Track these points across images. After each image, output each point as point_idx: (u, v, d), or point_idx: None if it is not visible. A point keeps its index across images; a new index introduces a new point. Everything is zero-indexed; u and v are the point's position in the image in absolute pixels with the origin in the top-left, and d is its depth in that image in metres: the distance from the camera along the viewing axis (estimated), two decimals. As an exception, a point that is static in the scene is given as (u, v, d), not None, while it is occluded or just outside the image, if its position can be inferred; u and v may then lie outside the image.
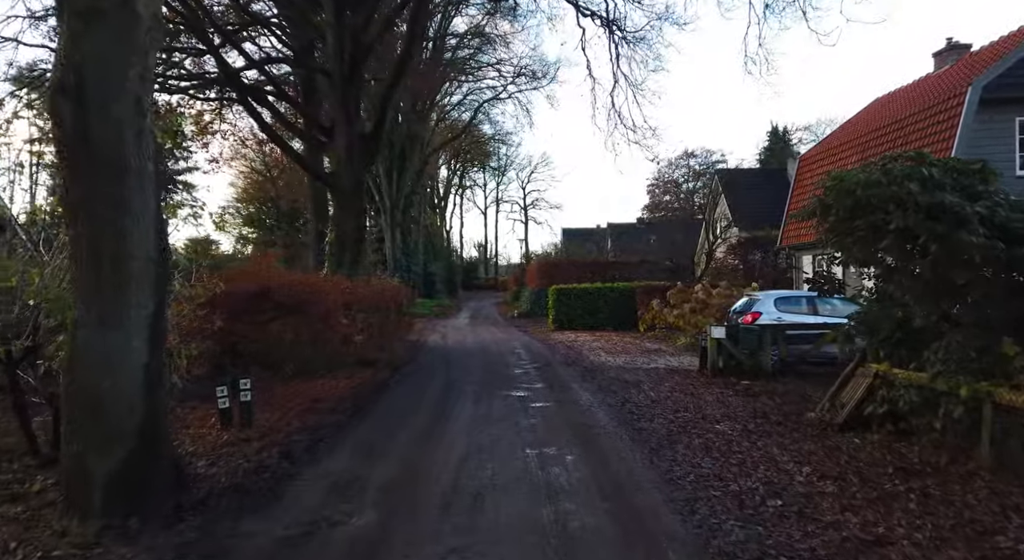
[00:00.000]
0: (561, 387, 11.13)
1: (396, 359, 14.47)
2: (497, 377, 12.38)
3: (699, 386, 11.14)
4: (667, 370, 13.06)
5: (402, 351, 16.33)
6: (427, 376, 12.81)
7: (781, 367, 12.25)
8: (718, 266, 27.68)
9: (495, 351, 17.09)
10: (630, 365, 13.78)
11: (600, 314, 23.82)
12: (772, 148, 63.51)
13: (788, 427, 7.86)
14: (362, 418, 8.82)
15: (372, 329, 13.27)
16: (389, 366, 13.46)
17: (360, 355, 12.37)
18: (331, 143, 13.56)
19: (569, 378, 12.18)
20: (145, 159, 4.93)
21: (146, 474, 4.99)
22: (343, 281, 11.94)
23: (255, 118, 13.68)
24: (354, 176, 13.35)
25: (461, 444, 7.28)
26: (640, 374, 12.50)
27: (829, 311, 13.50)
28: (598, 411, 9.01)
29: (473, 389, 11.03)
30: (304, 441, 7.40)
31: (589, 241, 61.60)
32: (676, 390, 10.66)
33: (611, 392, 10.49)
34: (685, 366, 13.61)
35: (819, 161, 21.29)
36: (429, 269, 48.53)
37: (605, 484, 5.74)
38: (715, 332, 12.39)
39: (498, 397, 10.21)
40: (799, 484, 5.60)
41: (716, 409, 9.04)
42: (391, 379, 12.21)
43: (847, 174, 7.63)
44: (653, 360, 14.57)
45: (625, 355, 15.55)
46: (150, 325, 5.06)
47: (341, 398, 9.96)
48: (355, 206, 13.43)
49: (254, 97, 13.61)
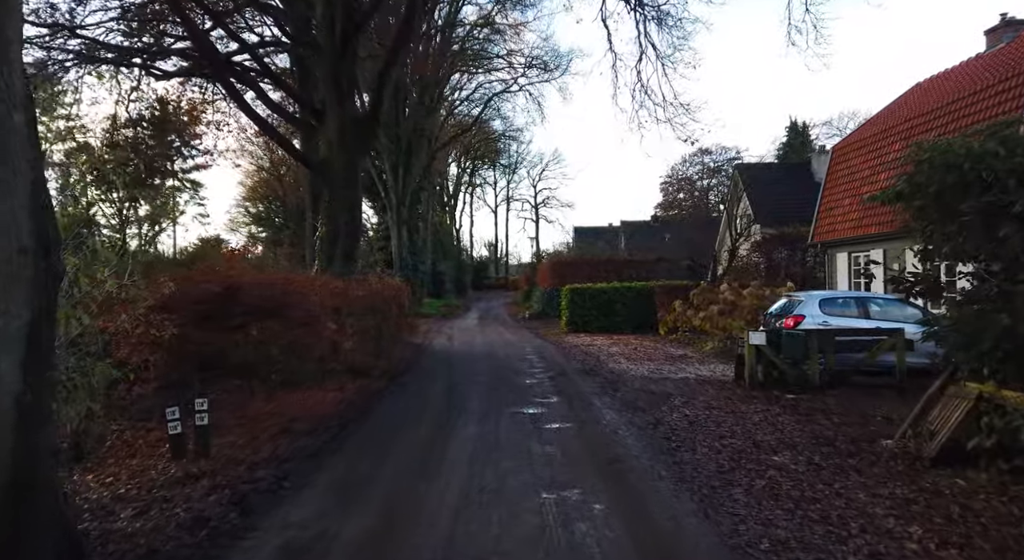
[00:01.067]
0: (580, 402, 9.67)
1: (394, 367, 13.07)
2: (506, 388, 10.94)
3: (739, 401, 9.65)
4: (698, 381, 11.56)
5: (403, 357, 14.94)
6: (428, 387, 11.40)
7: (829, 378, 10.75)
8: (742, 264, 26.07)
9: (504, 356, 15.65)
10: (656, 374, 12.29)
11: (617, 316, 22.33)
12: (791, 144, 61.68)
13: (864, 460, 6.36)
14: (344, 442, 7.41)
15: (367, 333, 11.88)
16: (386, 375, 12.06)
17: (352, 363, 10.99)
18: (322, 126, 12.21)
19: (588, 390, 10.71)
20: (8, 106, 3.52)
21: (18, 547, 3.60)
22: (333, 281, 10.56)
23: (235, 98, 12.32)
24: (347, 163, 11.94)
25: (460, 481, 5.85)
26: (669, 386, 11.02)
27: (880, 314, 11.95)
28: (626, 435, 7.54)
29: (479, 404, 9.60)
30: (267, 478, 5.99)
31: (601, 240, 60.08)
32: (714, 406, 9.17)
33: (638, 409, 9.01)
34: (718, 376, 12.11)
35: (855, 151, 19.68)
36: (438, 268, 47.19)
37: (651, 554, 4.29)
38: (754, 338, 10.89)
39: (507, 415, 8.77)
40: (916, 557, 4.12)
41: (768, 433, 7.55)
42: (386, 390, 10.81)
43: (943, 144, 6.07)
44: (680, 368, 13.07)
45: (648, 362, 14.06)
46: (25, 340, 3.67)
47: (324, 416, 8.56)
48: (348, 197, 12.03)
49: (238, 77, 12.25)
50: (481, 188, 79.24)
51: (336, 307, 10.13)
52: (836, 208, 19.97)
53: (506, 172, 78.59)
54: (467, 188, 74.65)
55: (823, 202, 21.01)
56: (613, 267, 30.75)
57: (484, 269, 78.61)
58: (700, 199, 77.36)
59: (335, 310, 10.06)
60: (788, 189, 33.23)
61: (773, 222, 28.91)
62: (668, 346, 17.45)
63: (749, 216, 32.37)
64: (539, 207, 78.26)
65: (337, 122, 11.84)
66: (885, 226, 16.95)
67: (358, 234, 12.37)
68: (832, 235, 19.85)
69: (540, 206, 78.28)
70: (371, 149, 15.29)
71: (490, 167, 76.21)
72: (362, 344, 11.49)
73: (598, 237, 62.11)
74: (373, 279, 14.90)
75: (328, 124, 11.99)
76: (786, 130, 66.61)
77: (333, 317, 9.88)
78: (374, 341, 12.41)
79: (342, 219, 11.96)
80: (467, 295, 57.26)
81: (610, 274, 28.82)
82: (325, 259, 11.93)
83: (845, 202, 19.44)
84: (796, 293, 14.00)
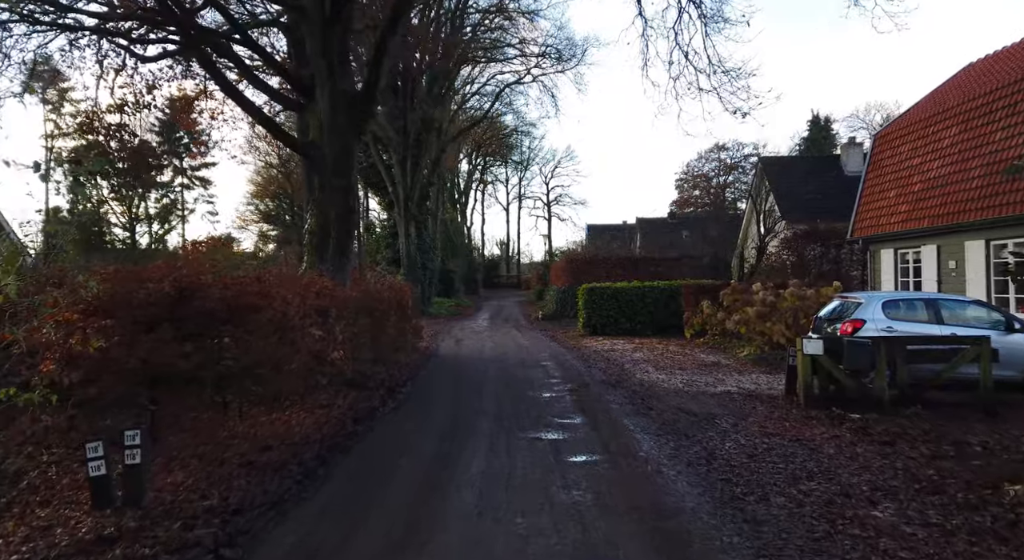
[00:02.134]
0: (609, 424, 8.13)
1: (394, 376, 11.60)
2: (521, 406, 9.42)
3: (798, 423, 8.08)
4: (743, 395, 9.98)
5: (405, 364, 13.48)
6: (430, 402, 9.90)
7: (899, 395, 9.14)
8: (771, 262, 24.40)
9: (518, 364, 14.13)
10: (691, 387, 10.72)
11: (638, 317, 20.76)
12: (813, 138, 59.80)
13: (1000, 519, 4.78)
14: (319, 485, 5.92)
15: (362, 340, 10.41)
16: (384, 387, 10.58)
17: (344, 374, 9.52)
18: (311, 105, 10.74)
19: (616, 408, 9.17)
20: None
21: None
22: (319, 280, 9.09)
23: (209, 70, 10.82)
24: (340, 145, 10.45)
25: (459, 548, 4.36)
26: (710, 402, 9.46)
27: (954, 318, 10.31)
28: (673, 474, 6.00)
29: (488, 426, 8.09)
30: (205, 540, 4.52)
31: (615, 238, 58.46)
32: (772, 432, 7.60)
33: (681, 434, 7.46)
34: (763, 389, 10.53)
35: (902, 139, 17.95)
36: (448, 267, 45.78)
37: None
38: (809, 347, 9.30)
39: (522, 442, 7.26)
40: None
41: (852, 471, 5.98)
42: (382, 407, 9.32)
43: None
44: (718, 380, 11.48)
45: (680, 372, 12.48)
46: None
47: (302, 444, 7.09)
48: (341, 184, 10.54)
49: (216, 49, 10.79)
50: (493, 185, 77.86)
51: (322, 310, 8.67)
52: (880, 200, 18.27)
53: (518, 169, 77.20)
54: (478, 185, 73.26)
55: (864, 195, 19.30)
56: (631, 265, 29.17)
57: (496, 267, 77.23)
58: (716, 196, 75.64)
59: (321, 313, 8.60)
60: (815, 184, 31.51)
61: (800, 218, 27.25)
62: (698, 352, 15.86)
63: (775, 211, 30.66)
64: (551, 205, 76.76)
65: (328, 99, 10.33)
66: (941, 219, 15.27)
67: (353, 227, 10.89)
68: (876, 230, 18.15)
69: (552, 204, 76.77)
70: (366, 131, 13.76)
71: (502, 164, 74.78)
72: (356, 352, 10.02)
73: (612, 235, 60.49)
74: (371, 277, 13.44)
75: (318, 102, 10.48)
76: (807, 124, 64.72)
77: (318, 322, 8.42)
78: (371, 348, 10.94)
79: (334, 210, 10.45)
80: (478, 294, 55.85)
81: (627, 272, 27.27)
82: (316, 256, 10.46)
83: (891, 194, 17.74)
84: (854, 294, 12.37)
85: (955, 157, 15.39)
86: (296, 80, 11.10)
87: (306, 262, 10.73)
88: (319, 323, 8.47)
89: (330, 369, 8.80)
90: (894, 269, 17.86)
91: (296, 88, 11.42)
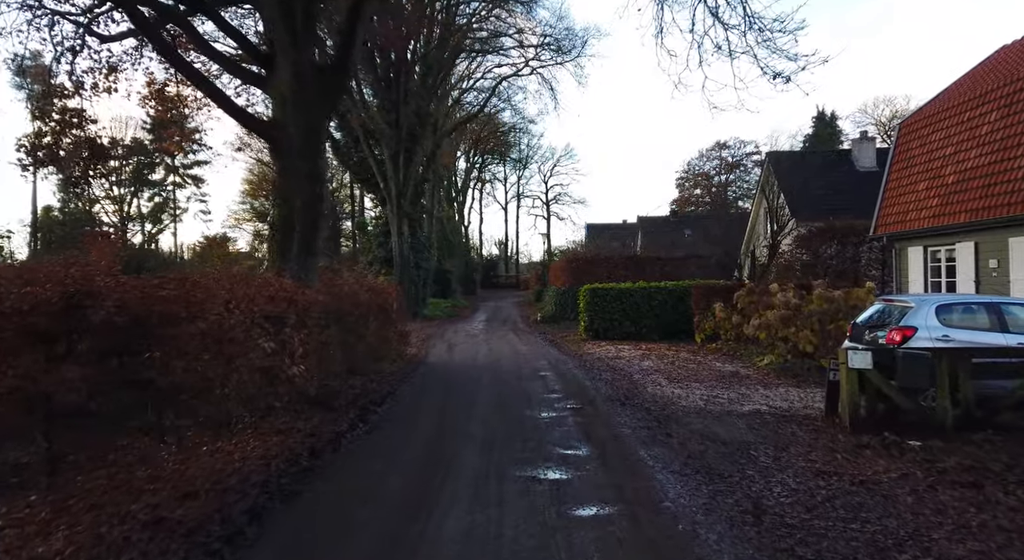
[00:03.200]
0: (621, 458, 6.66)
1: (370, 392, 10.13)
2: (516, 430, 7.97)
3: (852, 456, 6.63)
4: (776, 416, 8.52)
5: (386, 376, 12.01)
6: (409, 425, 8.44)
7: (963, 416, 7.72)
8: (786, 261, 22.96)
9: (514, 375, 12.67)
10: (714, 405, 9.26)
11: (644, 320, 19.29)
12: (818, 134, 58.45)
13: None
14: (242, 552, 4.46)
15: (331, 350, 8.96)
16: (355, 406, 9.12)
17: (306, 391, 8.05)
18: (272, 77, 9.27)
19: (628, 433, 7.70)
20: None
21: None
22: (275, 282, 7.63)
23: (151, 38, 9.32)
24: (305, 124, 9.00)
25: None
26: (739, 425, 8.00)
27: (1019, 326, 8.85)
28: (714, 540, 4.53)
29: (475, 460, 6.63)
30: None
31: (615, 237, 57.00)
32: (824, 468, 6.14)
33: (713, 473, 6.00)
34: (797, 407, 9.07)
35: (932, 127, 16.52)
36: (443, 266, 44.30)
37: None
38: (856, 360, 7.86)
39: (515, 484, 5.80)
40: None
41: (951, 535, 4.52)
42: (351, 432, 7.84)
43: None
44: (742, 394, 10.03)
45: (696, 384, 11.02)
46: None
47: (237, 487, 5.62)
48: (307, 169, 9.06)
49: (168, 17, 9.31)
50: (491, 184, 76.47)
51: (278, 317, 7.21)
52: (907, 194, 16.83)
53: (517, 167, 75.85)
54: (476, 183, 71.84)
55: (888, 188, 17.87)
56: (634, 265, 27.72)
57: (494, 267, 75.85)
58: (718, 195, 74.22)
59: (275, 321, 7.15)
60: (826, 180, 30.08)
61: (811, 215, 25.85)
62: (712, 359, 14.40)
63: (784, 209, 29.23)
64: (550, 203, 75.40)
65: (291, 70, 8.85)
66: (981, 213, 13.83)
67: (321, 219, 9.40)
68: (902, 226, 16.71)
69: (551, 202, 75.41)
70: (336, 108, 12.27)
71: (500, 162, 73.39)
72: (323, 365, 8.56)
73: (612, 235, 59.12)
74: (349, 278, 11.99)
75: (279, 73, 9.00)
76: (812, 121, 63.34)
77: (270, 332, 6.96)
78: (343, 359, 9.48)
79: (299, 199, 8.98)
80: (476, 294, 54.42)
81: (631, 273, 25.83)
82: (278, 253, 9.00)
83: (920, 186, 16.30)
84: (899, 296, 10.94)
85: (996, 145, 13.95)
86: (252, 47, 9.61)
87: (267, 261, 9.28)
88: (272, 334, 7.01)
89: (287, 388, 7.34)
90: (923, 268, 16.42)
91: (254, 56, 9.94)
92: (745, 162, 71.46)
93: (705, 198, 74.27)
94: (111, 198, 60.06)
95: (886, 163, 31.46)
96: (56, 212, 60.27)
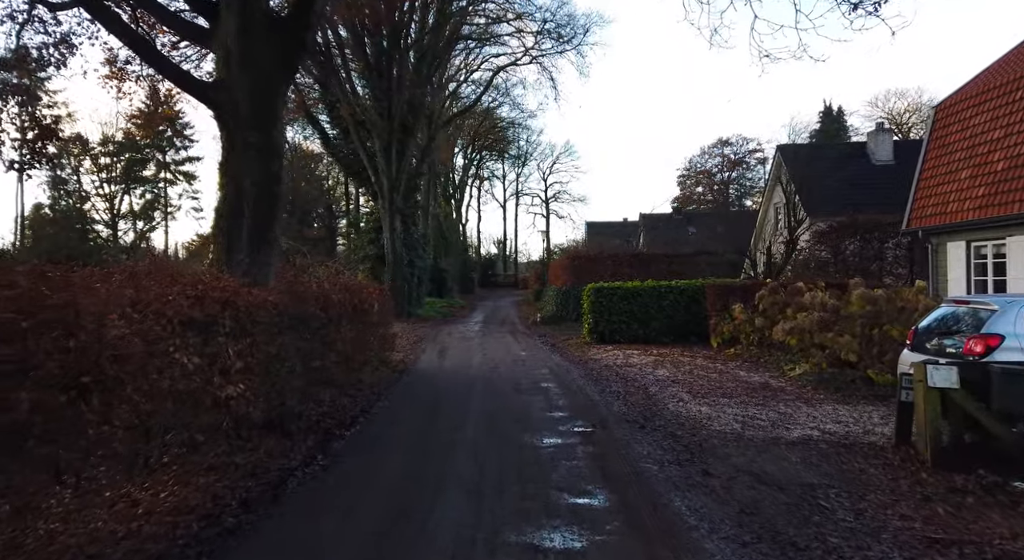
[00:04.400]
0: (651, 512, 5.03)
1: (340, 411, 8.51)
2: (512, 465, 6.35)
3: (952, 505, 5.02)
4: (833, 445, 6.91)
5: (367, 386, 10.40)
6: (377, 458, 6.81)
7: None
8: (807, 258, 21.37)
9: (511, 386, 11.06)
10: (753, 428, 7.64)
11: (654, 322, 17.67)
12: (825, 130, 56.80)
13: None
14: None
15: (288, 363, 7.33)
16: (318, 429, 7.50)
17: (248, 416, 6.42)
18: (216, 29, 7.63)
19: (656, 473, 6.06)
20: None
21: None
22: (206, 280, 6.01)
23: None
24: (255, 84, 7.36)
25: None
26: (791, 458, 6.38)
27: None
28: None
29: (456, 516, 5.00)
30: None
31: (616, 235, 55.41)
32: (930, 533, 4.52)
33: (783, 542, 4.36)
34: (855, 432, 7.46)
35: (974, 107, 14.91)
36: (440, 265, 42.67)
37: None
38: (937, 376, 6.28)
39: (511, 551, 4.19)
40: None
41: None
42: (303, 470, 6.20)
43: None
44: (782, 413, 8.40)
45: (726, 400, 9.40)
46: None
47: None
48: (259, 141, 7.38)
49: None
50: (489, 181, 74.85)
51: (206, 323, 5.60)
52: (947, 183, 15.22)
53: (516, 164, 74.32)
54: (474, 180, 70.22)
55: (923, 177, 16.25)
56: (640, 263, 26.11)
57: (492, 266, 74.32)
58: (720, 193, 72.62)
59: (202, 329, 5.54)
60: (841, 174, 28.46)
61: (825, 211, 24.29)
62: (734, 367, 12.79)
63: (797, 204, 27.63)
64: (550, 201, 73.79)
65: (237, 18, 7.19)
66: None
67: (277, 204, 7.72)
68: (941, 219, 15.10)
69: (551, 200, 73.81)
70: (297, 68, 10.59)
71: (498, 159, 71.81)
72: (273, 381, 6.94)
73: (614, 233, 57.56)
74: (323, 275, 10.38)
75: (223, 23, 7.39)
76: (819, 116, 61.72)
77: (193, 344, 5.34)
78: (305, 373, 7.86)
79: (249, 178, 7.33)
80: (474, 293, 52.82)
81: (636, 271, 24.22)
82: (222, 246, 7.34)
83: (962, 175, 14.68)
84: (977, 297, 9.34)
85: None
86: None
87: (212, 254, 7.67)
88: (196, 346, 5.38)
89: (216, 415, 5.71)
90: (965, 266, 14.80)
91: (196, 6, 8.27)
92: (748, 159, 69.87)
93: (707, 196, 72.68)
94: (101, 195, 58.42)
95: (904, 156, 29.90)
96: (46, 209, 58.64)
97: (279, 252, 8.13)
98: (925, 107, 51.63)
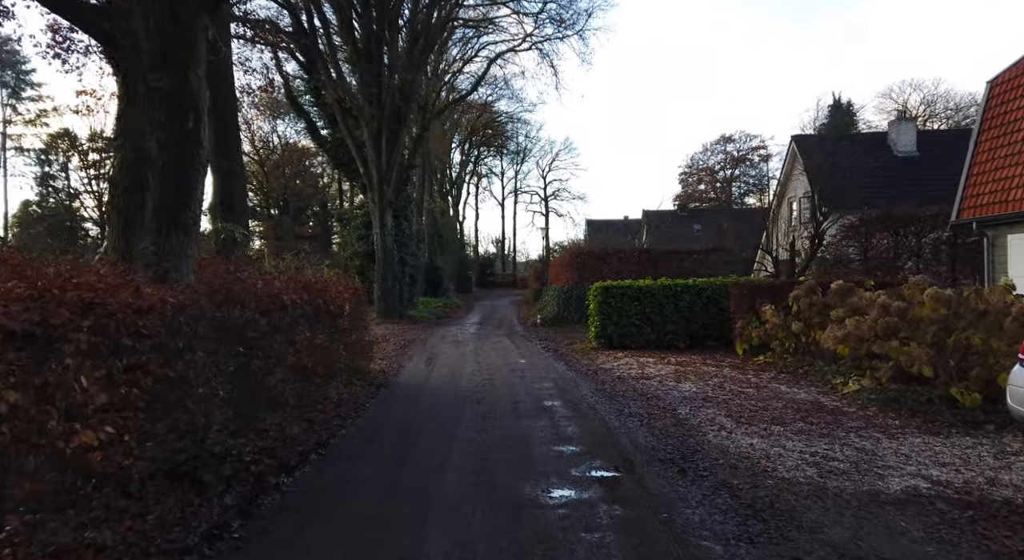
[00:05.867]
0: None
1: (279, 448, 6.55)
2: (506, 543, 4.42)
3: None
4: (948, 501, 4.97)
5: (334, 404, 8.45)
6: (316, 529, 4.87)
7: None
8: (835, 254, 19.46)
9: (508, 407, 9.11)
10: (834, 475, 5.69)
11: (668, 325, 15.73)
12: (835, 125, 54.89)
13: None
14: None
15: (197, 390, 5.38)
16: (243, 477, 5.54)
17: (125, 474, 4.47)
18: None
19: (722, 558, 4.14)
20: None
21: None
22: (51, 271, 4.07)
23: None
24: (164, 14, 5.50)
25: None
26: (912, 533, 4.43)
27: None
28: None
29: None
30: None
31: (617, 233, 53.50)
32: None
33: None
34: (971, 478, 5.52)
35: (1041, 79, 13.01)
36: (435, 263, 40.68)
37: None
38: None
39: None
40: None
41: None
42: (204, 548, 4.27)
43: None
44: (860, 449, 6.46)
45: (779, 427, 7.46)
46: None
47: None
48: (167, 87, 5.43)
49: None
50: (487, 178, 72.99)
51: (44, 337, 3.67)
52: (1008, 167, 13.32)
53: (514, 161, 72.54)
54: (471, 177, 68.30)
55: (977, 162, 14.34)
56: (648, 260, 24.23)
57: (490, 265, 72.43)
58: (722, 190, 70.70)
59: (33, 347, 3.61)
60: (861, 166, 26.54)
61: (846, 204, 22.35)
62: (768, 379, 10.84)
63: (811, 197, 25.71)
64: (549, 199, 71.89)
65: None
66: None
67: (196, 175, 5.79)
68: (1002, 208, 13.19)
69: (550, 198, 71.91)
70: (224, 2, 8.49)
71: (496, 155, 69.93)
72: (168, 418, 4.98)
73: (614, 231, 55.68)
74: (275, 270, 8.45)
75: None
76: (828, 110, 59.78)
77: (15, 369, 3.42)
78: (239, 400, 5.91)
79: (152, 139, 5.44)
80: (471, 293, 50.84)
81: (644, 269, 22.32)
82: (119, 227, 5.43)
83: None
84: None
85: None
86: None
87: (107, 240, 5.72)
88: (16, 373, 3.45)
89: (62, 475, 3.78)
90: None
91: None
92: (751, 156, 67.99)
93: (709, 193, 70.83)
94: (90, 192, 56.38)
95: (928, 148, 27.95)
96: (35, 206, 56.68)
97: (197, 239, 6.17)
98: (941, 98, 49.71)
